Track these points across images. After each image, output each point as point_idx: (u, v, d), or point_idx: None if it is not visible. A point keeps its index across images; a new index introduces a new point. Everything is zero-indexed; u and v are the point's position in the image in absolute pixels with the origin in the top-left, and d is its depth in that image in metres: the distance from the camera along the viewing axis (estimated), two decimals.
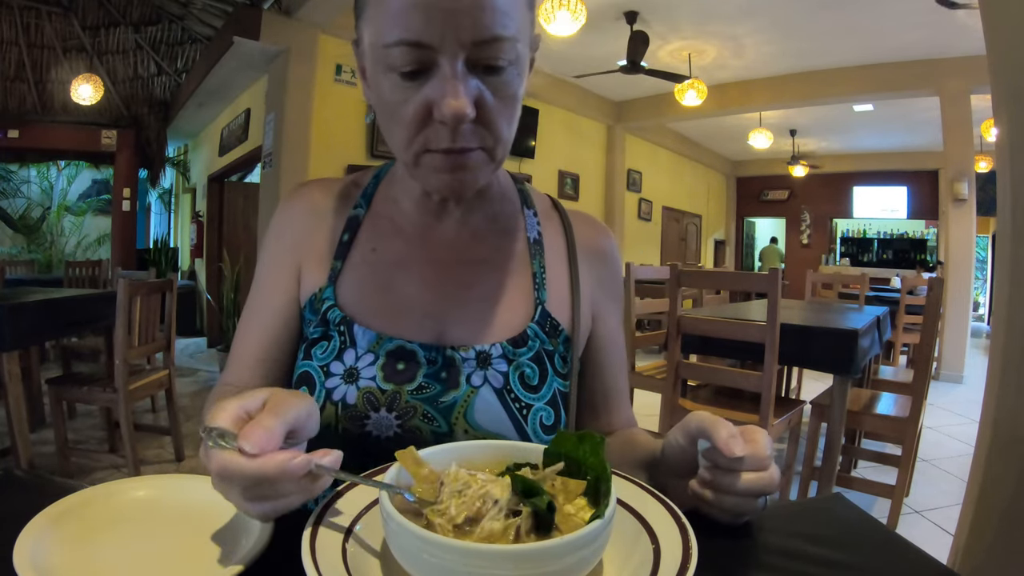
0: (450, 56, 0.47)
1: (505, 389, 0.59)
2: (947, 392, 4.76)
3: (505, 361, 0.60)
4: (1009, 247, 1.32)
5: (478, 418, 0.58)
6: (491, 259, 0.65)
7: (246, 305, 0.67)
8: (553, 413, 0.61)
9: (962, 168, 5.30)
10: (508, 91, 0.51)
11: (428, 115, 0.50)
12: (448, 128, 0.49)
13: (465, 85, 0.48)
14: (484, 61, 0.49)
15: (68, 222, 7.98)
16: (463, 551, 0.32)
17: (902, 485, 2.18)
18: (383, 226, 0.66)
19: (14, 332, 2.18)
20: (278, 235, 0.67)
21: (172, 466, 2.74)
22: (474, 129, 0.51)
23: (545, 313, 0.63)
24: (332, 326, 0.60)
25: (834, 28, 4.88)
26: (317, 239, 0.65)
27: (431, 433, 0.57)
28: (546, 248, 0.68)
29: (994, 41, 1.38)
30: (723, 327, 2.08)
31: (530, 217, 0.69)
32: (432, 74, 0.49)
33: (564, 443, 0.43)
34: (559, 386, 0.62)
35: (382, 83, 0.51)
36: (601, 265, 0.70)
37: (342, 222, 0.65)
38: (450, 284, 0.63)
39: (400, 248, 0.64)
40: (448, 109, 0.47)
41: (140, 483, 0.50)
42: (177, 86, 6.37)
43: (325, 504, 0.41)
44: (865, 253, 10.93)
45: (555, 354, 0.63)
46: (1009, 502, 1.27)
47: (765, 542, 0.47)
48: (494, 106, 0.51)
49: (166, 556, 0.42)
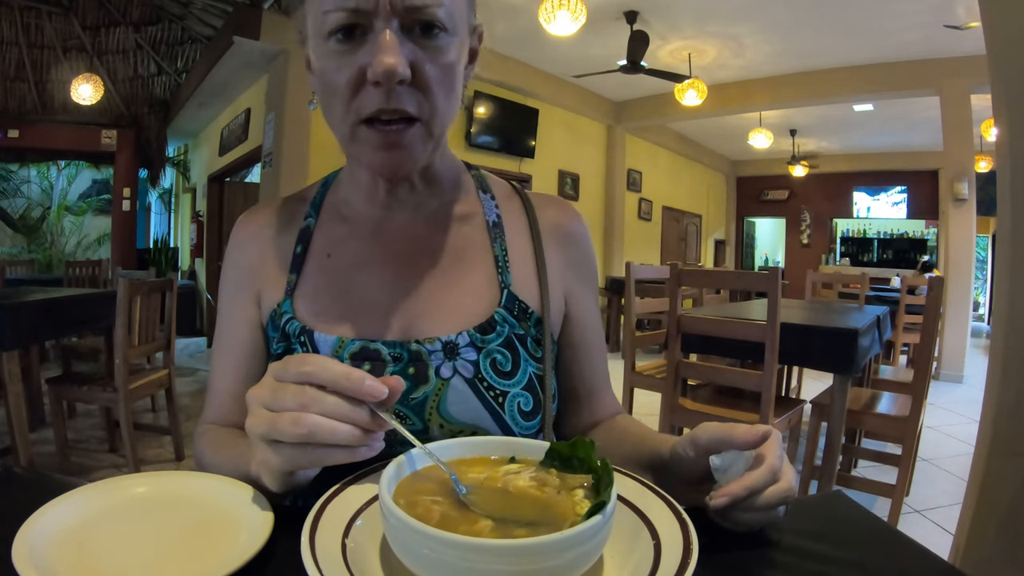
0: (384, 18, 0.49)
1: (476, 378, 0.57)
2: (947, 392, 4.76)
3: (474, 349, 0.58)
4: (1009, 247, 1.32)
5: (452, 410, 0.56)
6: (450, 247, 0.63)
7: (214, 342, 0.66)
8: (531, 398, 0.59)
9: (962, 168, 5.30)
10: (444, 58, 0.52)
11: (362, 80, 0.50)
12: (383, 90, 0.49)
13: (398, 46, 0.49)
14: (420, 23, 0.50)
15: (68, 222, 7.97)
16: (463, 545, 0.32)
17: (902, 484, 2.18)
18: (336, 230, 0.65)
19: (14, 332, 2.18)
20: (232, 265, 0.66)
21: (172, 465, 2.74)
22: (410, 92, 0.51)
23: (512, 296, 0.61)
24: (293, 339, 0.59)
25: (834, 28, 4.88)
26: (270, 260, 0.64)
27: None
28: (507, 231, 0.66)
29: (994, 41, 1.38)
30: (723, 326, 2.08)
31: (487, 201, 0.67)
32: (367, 41, 0.50)
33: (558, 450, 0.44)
34: (534, 370, 0.61)
35: (320, 56, 0.52)
36: (570, 247, 0.68)
37: (293, 236, 0.65)
38: (410, 278, 0.61)
39: (356, 249, 0.63)
40: (380, 66, 0.48)
41: (139, 479, 0.50)
42: (177, 86, 6.37)
43: (324, 500, 0.41)
44: (865, 253, 10.93)
45: (527, 338, 0.61)
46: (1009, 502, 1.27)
47: (766, 538, 0.47)
48: (430, 72, 0.51)
49: (165, 552, 0.42)
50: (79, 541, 0.41)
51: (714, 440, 0.46)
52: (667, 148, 8.87)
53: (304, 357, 0.40)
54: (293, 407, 0.39)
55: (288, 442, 0.39)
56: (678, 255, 9.22)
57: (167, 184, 8.41)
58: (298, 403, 0.38)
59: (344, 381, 0.38)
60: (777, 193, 10.85)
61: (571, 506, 0.39)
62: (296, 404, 0.38)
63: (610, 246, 7.52)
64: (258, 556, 0.39)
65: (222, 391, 0.63)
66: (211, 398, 0.65)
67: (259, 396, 0.41)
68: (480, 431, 0.57)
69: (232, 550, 0.40)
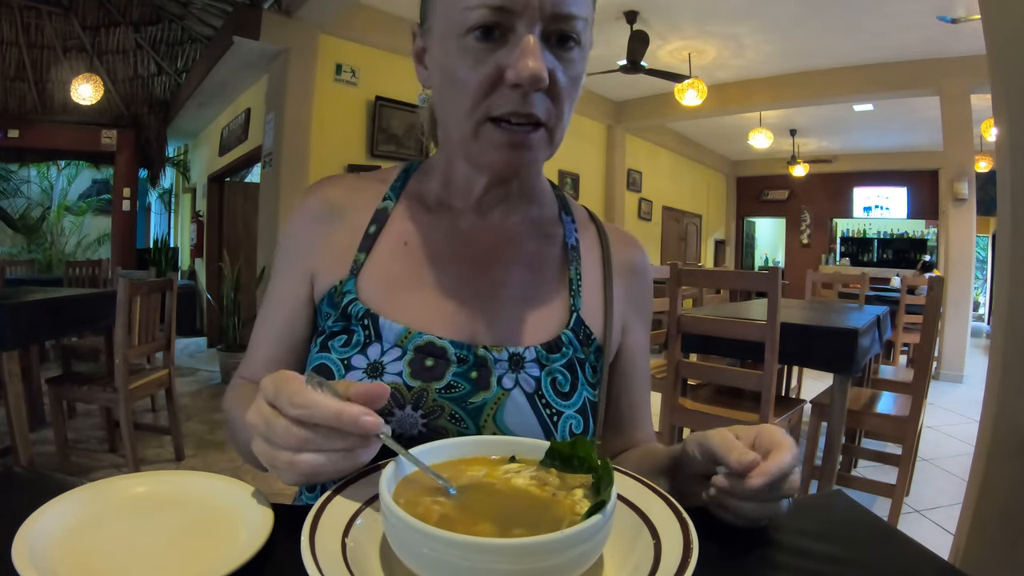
0: (528, 23, 0.49)
1: (536, 394, 0.57)
2: (947, 392, 4.76)
3: (538, 366, 0.58)
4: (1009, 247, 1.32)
5: (508, 421, 0.56)
6: (528, 261, 0.63)
7: (264, 299, 0.67)
8: (583, 421, 0.59)
9: (962, 168, 5.30)
10: (575, 71, 0.53)
11: (498, 81, 0.50)
12: (520, 92, 0.50)
13: (542, 53, 0.49)
14: (558, 34, 0.50)
15: (68, 222, 7.97)
16: (463, 544, 0.32)
17: (902, 484, 2.18)
18: (418, 219, 0.64)
19: (14, 332, 2.18)
20: (291, 235, 0.65)
21: (172, 465, 2.73)
22: (543, 100, 0.51)
23: (579, 320, 0.61)
24: (354, 320, 0.58)
25: (834, 28, 4.88)
26: (335, 236, 0.63)
27: (457, 434, 0.54)
28: (583, 257, 0.66)
29: (994, 41, 1.38)
30: (723, 326, 2.08)
31: (568, 224, 0.68)
32: (507, 42, 0.50)
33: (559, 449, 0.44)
34: (589, 395, 0.61)
35: (452, 50, 0.51)
36: (633, 281, 0.69)
37: (368, 215, 0.63)
38: (486, 283, 0.61)
39: (437, 242, 0.62)
40: (526, 70, 0.48)
41: (139, 479, 0.50)
42: (177, 86, 6.37)
43: (325, 499, 0.41)
44: (865, 253, 10.93)
45: (586, 363, 0.61)
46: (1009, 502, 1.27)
47: (766, 538, 0.47)
48: (563, 83, 0.52)
49: (165, 551, 0.42)
50: (79, 541, 0.41)
51: (713, 455, 0.47)
52: (667, 148, 8.86)
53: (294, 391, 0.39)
54: (287, 447, 0.40)
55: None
56: (678, 255, 9.21)
57: (167, 184, 8.40)
58: (291, 445, 0.39)
59: (336, 423, 0.39)
60: (777, 193, 10.85)
61: (571, 505, 0.39)
62: (290, 445, 0.39)
63: None
64: (258, 555, 0.39)
65: (258, 354, 0.65)
66: (248, 356, 0.66)
67: (255, 425, 0.42)
68: None
69: (232, 549, 0.40)
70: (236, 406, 0.58)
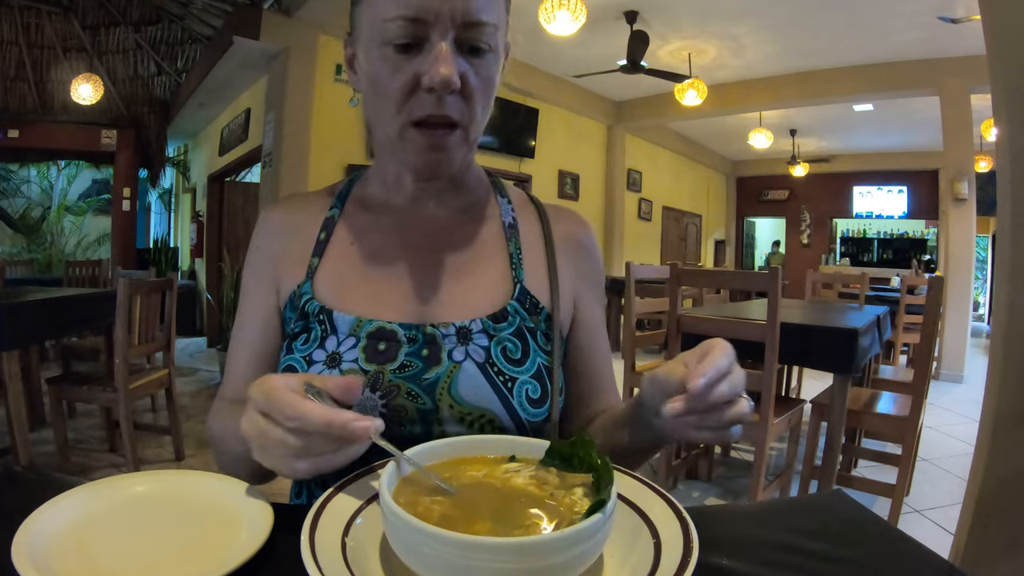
0: (441, 32, 0.53)
1: (487, 363, 0.60)
2: (947, 392, 4.76)
3: (486, 336, 0.61)
4: (1009, 247, 1.32)
5: (462, 392, 0.58)
6: (467, 243, 0.68)
7: (235, 322, 0.70)
8: (539, 386, 0.61)
9: (962, 168, 5.29)
10: (486, 73, 0.57)
11: (416, 86, 0.55)
12: (435, 96, 0.54)
13: (454, 58, 0.53)
14: (469, 42, 0.55)
15: (68, 222, 7.97)
16: (463, 543, 0.32)
17: (902, 484, 2.18)
18: (360, 221, 0.68)
19: (14, 332, 2.18)
20: (255, 250, 0.70)
21: (172, 465, 2.73)
22: (456, 101, 0.55)
23: (524, 291, 0.65)
24: (312, 318, 0.62)
25: (834, 28, 4.88)
26: (293, 246, 0.67)
27: (416, 411, 0.58)
28: (521, 233, 0.70)
29: (994, 41, 1.38)
30: (723, 326, 2.08)
31: (504, 204, 0.72)
32: (423, 50, 0.54)
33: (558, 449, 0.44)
34: (543, 361, 0.63)
35: (375, 59, 0.56)
36: (581, 257, 0.72)
37: (318, 224, 0.68)
38: (429, 267, 0.65)
39: (379, 238, 0.67)
40: (438, 75, 0.52)
41: (139, 479, 0.50)
42: (177, 86, 6.37)
43: (324, 499, 0.41)
44: (865, 253, 10.94)
45: (537, 331, 0.64)
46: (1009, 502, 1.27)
47: (767, 537, 0.47)
48: (475, 85, 0.56)
49: (165, 551, 0.42)
50: (79, 540, 0.41)
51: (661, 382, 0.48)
52: (667, 148, 8.87)
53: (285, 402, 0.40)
54: (285, 455, 0.41)
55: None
56: (678, 255, 9.22)
57: (167, 184, 8.41)
58: (288, 453, 0.41)
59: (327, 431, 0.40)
60: (777, 193, 10.85)
61: (570, 505, 0.39)
62: (287, 453, 0.41)
63: (610, 246, 7.51)
64: (258, 555, 0.39)
65: (237, 371, 0.67)
66: (226, 376, 0.68)
67: (250, 435, 0.43)
68: (488, 414, 0.58)
69: (232, 549, 0.40)
70: (224, 427, 0.60)
